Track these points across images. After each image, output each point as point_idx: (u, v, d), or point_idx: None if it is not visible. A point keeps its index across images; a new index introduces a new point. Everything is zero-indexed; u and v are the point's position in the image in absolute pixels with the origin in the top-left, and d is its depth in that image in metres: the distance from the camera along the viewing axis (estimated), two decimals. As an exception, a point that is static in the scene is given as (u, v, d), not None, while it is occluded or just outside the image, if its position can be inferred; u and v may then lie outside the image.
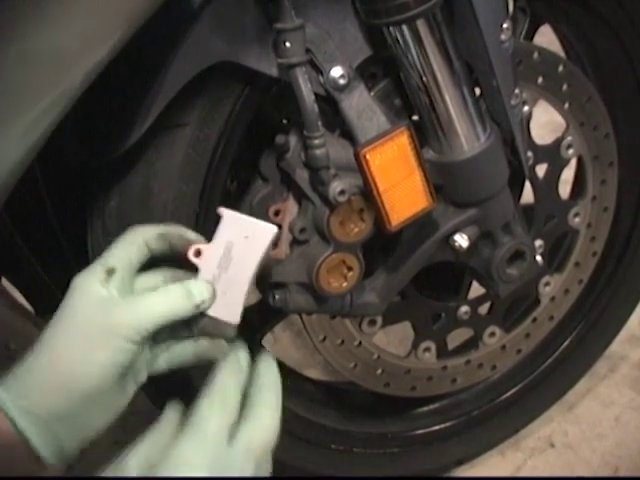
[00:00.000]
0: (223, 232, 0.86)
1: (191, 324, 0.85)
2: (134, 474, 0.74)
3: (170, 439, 0.76)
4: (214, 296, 0.83)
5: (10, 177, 0.86)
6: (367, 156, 0.89)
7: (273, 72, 0.92)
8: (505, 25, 0.98)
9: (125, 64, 0.85)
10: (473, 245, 1.05)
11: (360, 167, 0.89)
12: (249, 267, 0.86)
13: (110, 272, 0.82)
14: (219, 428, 0.76)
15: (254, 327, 1.16)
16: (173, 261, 0.88)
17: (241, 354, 0.85)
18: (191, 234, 0.87)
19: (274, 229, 0.86)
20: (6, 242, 1.15)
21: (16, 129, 0.81)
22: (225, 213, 0.87)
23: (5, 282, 1.19)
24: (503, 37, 0.98)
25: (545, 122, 1.25)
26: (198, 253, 0.86)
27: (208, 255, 0.86)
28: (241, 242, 0.86)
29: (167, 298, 0.81)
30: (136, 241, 0.85)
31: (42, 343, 0.79)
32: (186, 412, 0.80)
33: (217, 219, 0.88)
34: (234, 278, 0.86)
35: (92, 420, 0.79)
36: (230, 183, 1.09)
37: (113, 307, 0.79)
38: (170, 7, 0.85)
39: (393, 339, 1.60)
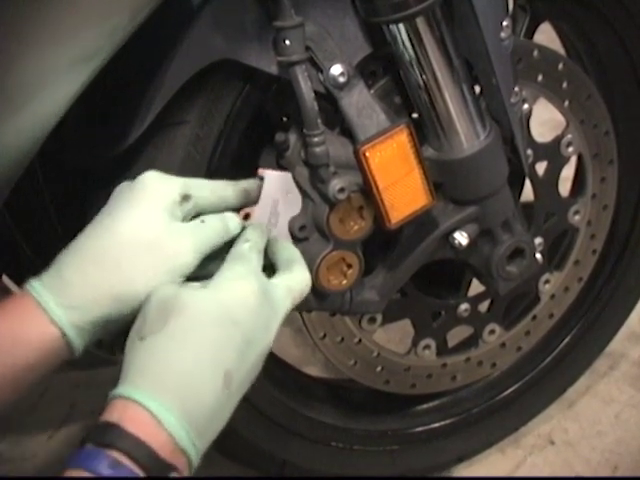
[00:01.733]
0: (267, 191, 0.94)
1: None
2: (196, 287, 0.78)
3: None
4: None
5: (10, 175, 0.86)
6: (367, 154, 0.89)
7: (273, 70, 0.93)
8: (505, 23, 0.98)
9: (125, 62, 0.86)
10: (473, 243, 1.06)
11: (360, 165, 0.90)
12: None
13: (185, 198, 0.83)
14: (257, 262, 0.83)
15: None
16: None
17: (264, 227, 0.91)
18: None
19: None
20: (7, 240, 1.15)
21: (16, 127, 0.81)
22: (267, 173, 0.95)
23: (6, 279, 1.19)
24: (503, 35, 0.98)
25: (546, 120, 1.25)
26: (247, 216, 0.93)
27: (257, 216, 0.94)
28: (284, 197, 0.95)
29: (211, 229, 0.83)
30: (223, 191, 0.88)
31: (98, 244, 0.79)
32: None
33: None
34: (282, 231, 0.96)
35: (124, 322, 0.79)
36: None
37: (181, 237, 0.81)
38: (170, 5, 0.85)
39: (394, 336, 1.60)
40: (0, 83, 0.76)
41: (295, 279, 0.85)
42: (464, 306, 1.23)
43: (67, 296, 0.76)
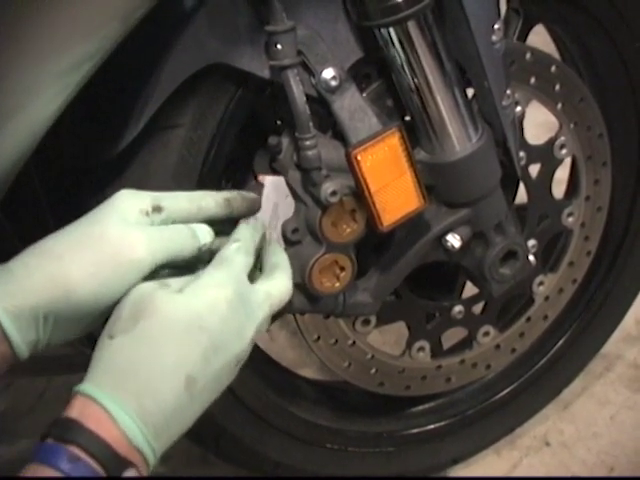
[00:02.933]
0: (268, 196, 0.96)
1: None
2: (172, 289, 0.78)
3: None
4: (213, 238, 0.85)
5: (5, 177, 0.86)
6: (358, 157, 0.89)
7: (265, 74, 0.93)
8: (497, 26, 0.99)
9: (119, 66, 0.86)
10: (466, 245, 1.06)
11: (351, 168, 0.90)
12: None
13: (157, 209, 0.82)
14: (242, 265, 0.82)
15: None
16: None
17: (258, 223, 0.90)
18: (256, 200, 0.91)
19: None
20: (2, 242, 1.16)
21: (9, 131, 0.81)
22: (267, 180, 0.97)
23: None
24: (494, 38, 0.99)
25: (541, 122, 1.25)
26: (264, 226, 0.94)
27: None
28: (283, 200, 0.97)
29: (177, 235, 0.82)
30: (201, 200, 0.86)
31: (49, 243, 0.79)
32: None
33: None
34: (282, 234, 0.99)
35: (72, 329, 0.79)
36: (225, 183, 1.09)
37: (131, 233, 0.79)
38: (163, 9, 0.85)
39: (389, 338, 1.61)
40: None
41: (275, 286, 0.84)
42: (458, 308, 1.24)
43: (4, 283, 0.76)
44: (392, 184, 0.93)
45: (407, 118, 1.03)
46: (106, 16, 0.79)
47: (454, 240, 1.04)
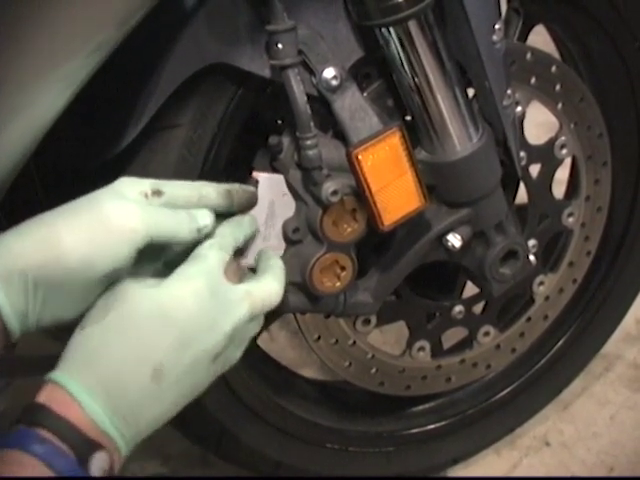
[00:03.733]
0: (263, 194, 0.95)
1: None
2: (146, 284, 0.78)
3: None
4: (214, 223, 0.86)
5: (5, 177, 0.87)
6: (359, 156, 0.89)
7: (266, 73, 0.93)
8: (497, 26, 0.99)
9: (119, 66, 0.86)
10: (466, 245, 1.06)
11: (352, 167, 0.90)
12: None
13: (156, 193, 0.83)
14: (217, 260, 0.82)
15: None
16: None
17: (246, 218, 0.91)
18: (255, 194, 0.93)
19: None
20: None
21: (10, 129, 0.81)
22: (261, 177, 0.96)
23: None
24: (495, 38, 0.99)
25: (542, 122, 1.25)
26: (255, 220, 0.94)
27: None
28: (280, 198, 0.97)
29: (174, 215, 0.82)
30: (202, 189, 0.86)
31: (44, 214, 0.79)
32: None
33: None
34: (280, 232, 0.98)
35: (62, 305, 0.79)
36: (226, 182, 1.09)
37: (126, 205, 0.79)
38: (163, 9, 0.85)
39: (390, 338, 1.61)
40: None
41: (259, 287, 0.84)
42: (458, 308, 1.24)
43: None
44: (393, 184, 0.93)
45: (408, 118, 1.03)
46: (105, 18, 0.79)
47: (455, 240, 1.04)
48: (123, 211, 0.78)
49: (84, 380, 0.73)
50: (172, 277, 0.79)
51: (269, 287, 0.86)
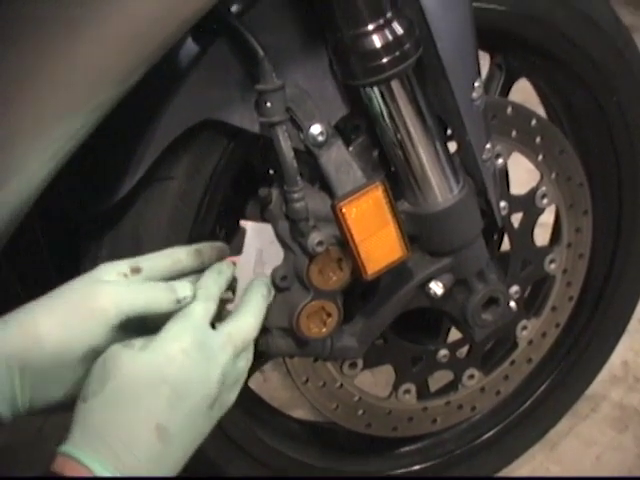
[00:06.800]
0: (250, 242, 0.99)
1: None
2: (136, 348, 0.82)
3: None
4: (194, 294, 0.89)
5: (7, 226, 0.90)
6: (343, 209, 0.93)
7: (255, 129, 0.97)
8: (477, 84, 1.02)
9: (117, 121, 0.90)
10: (448, 292, 1.10)
11: (337, 219, 0.94)
12: None
13: (135, 270, 0.88)
14: (203, 313, 0.86)
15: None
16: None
17: (224, 264, 0.95)
18: (224, 247, 0.97)
19: None
20: (3, 286, 1.19)
21: (14, 181, 0.85)
22: (248, 225, 1.00)
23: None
24: (474, 95, 1.02)
25: (532, 168, 1.29)
26: (233, 264, 0.97)
27: (242, 265, 0.98)
28: (268, 246, 1.00)
29: (151, 289, 0.86)
30: (174, 255, 0.92)
31: (26, 305, 0.83)
32: None
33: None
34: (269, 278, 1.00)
35: (50, 387, 0.83)
36: (218, 231, 1.13)
37: (98, 286, 0.84)
38: (159, 68, 0.89)
39: (380, 379, 1.63)
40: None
41: (238, 326, 0.88)
42: (443, 352, 1.27)
43: None
44: (376, 235, 0.96)
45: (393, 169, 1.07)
46: (105, 79, 0.83)
47: (437, 287, 1.08)
48: (93, 293, 0.83)
49: (96, 453, 0.76)
50: (160, 336, 0.83)
51: (246, 324, 0.90)
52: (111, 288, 0.84)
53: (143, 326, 0.86)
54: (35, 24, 0.75)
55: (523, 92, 1.35)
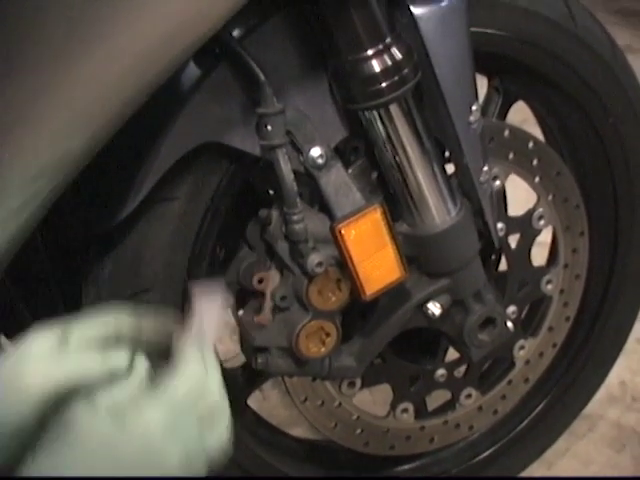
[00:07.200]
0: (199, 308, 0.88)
1: None
2: (103, 414, 0.75)
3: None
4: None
5: (10, 245, 0.91)
6: (342, 231, 0.95)
7: (256, 152, 0.99)
8: (474, 107, 1.04)
9: (120, 143, 0.92)
10: (446, 312, 1.11)
11: (336, 241, 0.95)
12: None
13: (66, 341, 0.80)
14: (137, 384, 0.78)
15: (240, 387, 1.22)
16: None
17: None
18: (168, 326, 0.85)
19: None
20: (7, 305, 1.20)
21: (16, 200, 0.85)
22: (196, 290, 0.89)
23: (4, 340, 1.24)
24: (472, 119, 1.04)
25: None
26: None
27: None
28: (215, 316, 0.85)
29: (83, 362, 0.79)
30: (110, 324, 0.83)
31: None
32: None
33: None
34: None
35: None
36: (219, 250, 1.15)
37: (27, 367, 0.78)
38: (163, 91, 0.91)
39: (379, 398, 1.64)
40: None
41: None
42: (441, 371, 1.28)
43: None
44: (374, 256, 0.98)
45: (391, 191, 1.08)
46: (107, 105, 0.83)
47: (434, 308, 1.10)
48: (19, 372, 0.77)
49: None
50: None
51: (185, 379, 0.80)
52: (38, 365, 0.78)
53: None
54: (40, 43, 0.76)
55: (522, 112, 1.36)
